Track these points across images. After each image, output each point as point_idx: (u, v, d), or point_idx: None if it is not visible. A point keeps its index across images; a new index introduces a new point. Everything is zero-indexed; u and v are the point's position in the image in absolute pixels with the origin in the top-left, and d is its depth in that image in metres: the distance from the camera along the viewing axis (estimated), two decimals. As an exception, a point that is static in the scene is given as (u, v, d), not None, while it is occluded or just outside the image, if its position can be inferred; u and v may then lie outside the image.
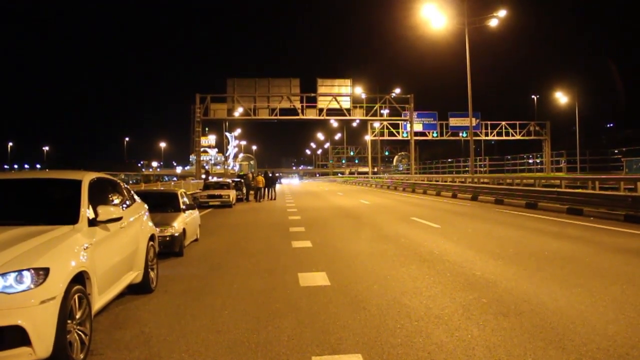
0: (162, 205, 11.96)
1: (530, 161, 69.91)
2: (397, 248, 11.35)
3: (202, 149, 73.54)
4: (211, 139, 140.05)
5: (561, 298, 6.81)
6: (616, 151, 56.37)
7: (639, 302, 6.48)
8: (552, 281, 7.82)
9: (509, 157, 72.49)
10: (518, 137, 64.88)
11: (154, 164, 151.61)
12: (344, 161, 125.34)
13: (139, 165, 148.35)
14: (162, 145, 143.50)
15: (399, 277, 8.34)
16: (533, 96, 74.51)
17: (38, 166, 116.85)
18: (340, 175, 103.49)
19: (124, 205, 7.21)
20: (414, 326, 5.69)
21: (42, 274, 4.43)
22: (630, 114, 75.48)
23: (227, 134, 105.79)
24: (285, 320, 6.04)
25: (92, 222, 5.76)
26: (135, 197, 8.15)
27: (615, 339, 5.13)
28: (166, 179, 64.09)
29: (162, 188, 27.43)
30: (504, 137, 65.60)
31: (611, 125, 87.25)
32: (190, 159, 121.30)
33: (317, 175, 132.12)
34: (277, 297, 7.22)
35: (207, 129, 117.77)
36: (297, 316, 6.19)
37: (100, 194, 6.46)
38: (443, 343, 5.13)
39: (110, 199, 6.94)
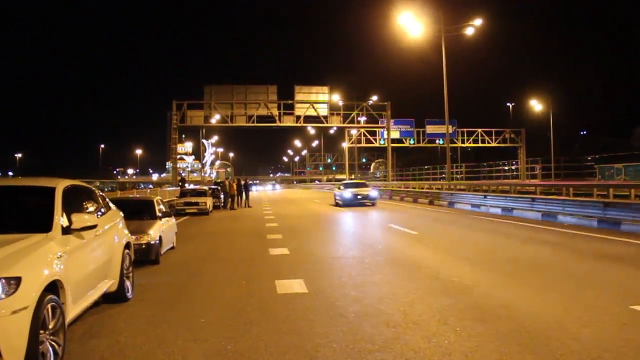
0: (138, 212, 11.83)
1: (506, 168, 70.53)
2: (375, 255, 11.37)
3: (178, 156, 73.06)
4: (188, 146, 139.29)
5: (536, 303, 6.87)
6: (589, 158, 57.20)
7: (612, 306, 6.56)
8: (528, 286, 7.90)
9: (485, 164, 73.09)
10: (494, 144, 65.50)
11: (130, 171, 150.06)
12: (321, 168, 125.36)
13: (115, 172, 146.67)
14: (138, 152, 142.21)
15: (376, 283, 8.35)
16: (508, 104, 75.47)
17: (10, 173, 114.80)
18: (318, 183, 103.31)
19: (99, 213, 7.12)
20: (391, 332, 5.70)
21: (13, 283, 4.35)
22: (604, 122, 76.87)
23: (204, 141, 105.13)
24: (262, 328, 6.01)
25: (66, 230, 5.67)
26: (111, 204, 8.06)
27: (589, 342, 5.19)
28: (142, 186, 63.39)
29: (138, 195, 27.17)
30: (480, 144, 66.21)
31: (584, 132, 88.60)
32: (167, 166, 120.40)
33: (295, 182, 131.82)
34: (255, 304, 7.18)
35: (183, 136, 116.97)
36: (275, 324, 6.16)
37: (74, 202, 6.36)
38: (420, 349, 5.14)
39: (85, 206, 6.84)
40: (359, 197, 29.41)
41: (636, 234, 13.64)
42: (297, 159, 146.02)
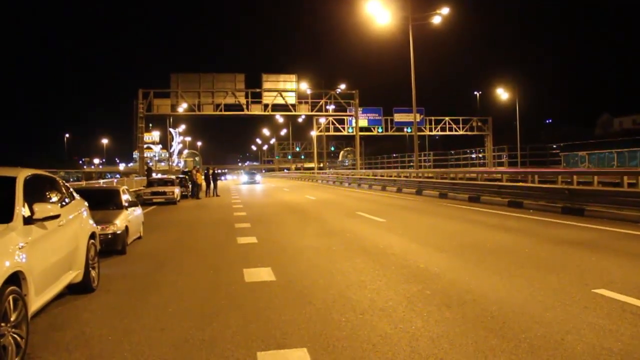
0: (103, 202, 11.68)
1: (473, 156, 71.44)
2: (343, 242, 11.40)
3: (145, 146, 72.12)
4: (155, 135, 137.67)
5: (502, 288, 6.98)
6: (554, 146, 58.24)
7: (574, 290, 6.70)
8: (494, 272, 8.01)
9: (452, 152, 73.89)
10: (461, 132, 66.22)
11: (96, 161, 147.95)
12: (290, 157, 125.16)
13: (81, 162, 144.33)
14: (105, 141, 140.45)
15: (344, 271, 8.38)
16: (475, 92, 76.30)
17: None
18: (287, 172, 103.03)
19: (63, 203, 7.00)
20: (358, 319, 5.73)
21: (-28, 275, 4.25)
22: (568, 111, 78.31)
23: (171, 130, 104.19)
24: (230, 316, 5.99)
25: (28, 221, 5.55)
26: (75, 194, 7.93)
27: (552, 326, 5.29)
28: (109, 176, 62.52)
29: (103, 185, 26.80)
30: (448, 132, 66.89)
31: (549, 121, 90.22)
32: (134, 156, 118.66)
33: (263, 171, 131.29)
34: (222, 293, 7.16)
35: (150, 125, 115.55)
36: (242, 312, 6.15)
37: (36, 192, 6.24)
38: (387, 335, 5.18)
39: (48, 196, 6.71)
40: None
41: (599, 220, 13.93)
42: (265, 147, 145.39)
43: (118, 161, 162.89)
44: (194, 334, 5.38)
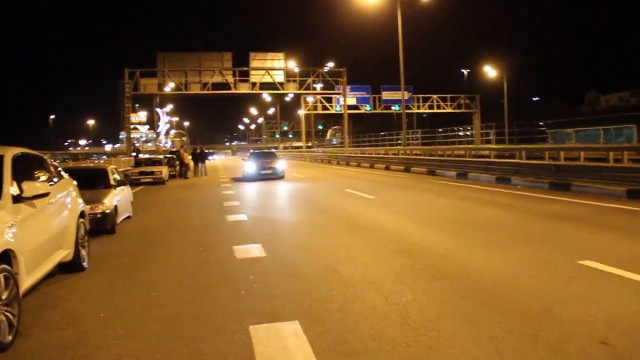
0: (91, 182, 11.59)
1: (461, 133, 71.40)
2: (332, 219, 11.46)
3: (132, 126, 71.70)
4: (142, 115, 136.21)
5: (491, 261, 7.06)
6: (542, 123, 58.31)
7: (561, 262, 6.78)
8: (483, 246, 8.10)
9: (440, 129, 73.87)
10: (449, 110, 66.28)
11: (82, 142, 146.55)
12: (277, 136, 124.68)
13: (66, 144, 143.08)
14: (91, 122, 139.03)
15: (334, 246, 8.43)
16: (463, 70, 76.14)
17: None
18: (275, 150, 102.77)
19: (52, 182, 6.96)
20: (349, 292, 5.78)
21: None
22: (555, 89, 78.55)
23: (158, 110, 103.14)
24: (221, 292, 6.03)
25: (17, 199, 5.52)
26: (63, 173, 7.89)
27: (541, 296, 5.37)
28: (95, 157, 62.15)
29: (92, 165, 26.64)
30: (436, 110, 66.93)
31: (537, 98, 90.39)
32: (121, 137, 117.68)
33: (251, 150, 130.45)
34: (213, 270, 7.19)
35: (137, 105, 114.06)
36: (233, 287, 6.18)
37: (25, 170, 6.20)
38: (378, 307, 5.24)
39: (36, 175, 6.67)
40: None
41: (585, 195, 14.05)
42: (253, 127, 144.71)
43: (105, 142, 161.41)
44: (185, 310, 5.41)
